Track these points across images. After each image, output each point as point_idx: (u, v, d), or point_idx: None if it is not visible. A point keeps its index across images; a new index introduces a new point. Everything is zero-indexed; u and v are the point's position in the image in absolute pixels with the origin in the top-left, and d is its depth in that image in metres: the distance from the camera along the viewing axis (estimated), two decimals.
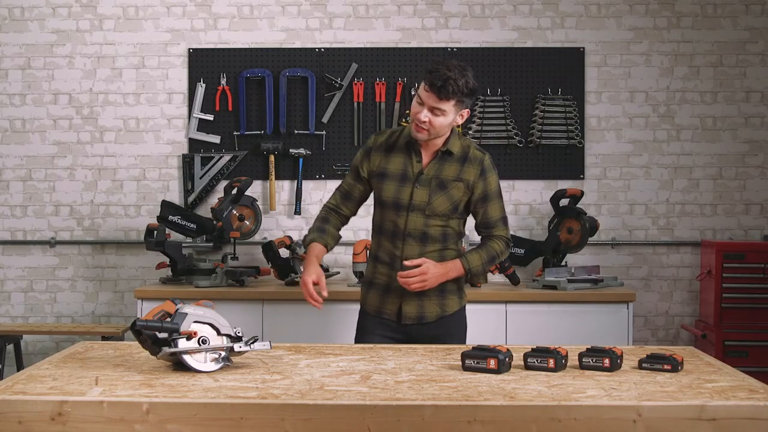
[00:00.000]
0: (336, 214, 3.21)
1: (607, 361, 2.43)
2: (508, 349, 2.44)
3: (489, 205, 3.10)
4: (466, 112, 3.02)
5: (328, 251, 3.18)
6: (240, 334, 2.49)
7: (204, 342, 2.42)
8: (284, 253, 4.73)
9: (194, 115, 5.05)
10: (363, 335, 3.15)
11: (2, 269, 5.14)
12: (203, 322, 2.46)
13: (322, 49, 5.04)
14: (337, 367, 2.46)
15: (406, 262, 2.98)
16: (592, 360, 2.45)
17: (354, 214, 3.25)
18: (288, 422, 2.02)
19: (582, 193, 4.80)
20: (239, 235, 4.80)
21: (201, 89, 5.05)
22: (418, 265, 2.96)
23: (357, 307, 3.28)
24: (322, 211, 3.24)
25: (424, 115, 2.92)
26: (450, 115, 2.95)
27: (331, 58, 5.04)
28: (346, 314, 3.31)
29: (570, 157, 5.03)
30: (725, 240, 5.00)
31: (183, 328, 2.41)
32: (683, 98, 5.04)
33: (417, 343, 3.03)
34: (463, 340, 3.17)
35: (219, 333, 2.46)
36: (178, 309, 2.48)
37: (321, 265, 3.11)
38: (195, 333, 2.42)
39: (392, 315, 3.09)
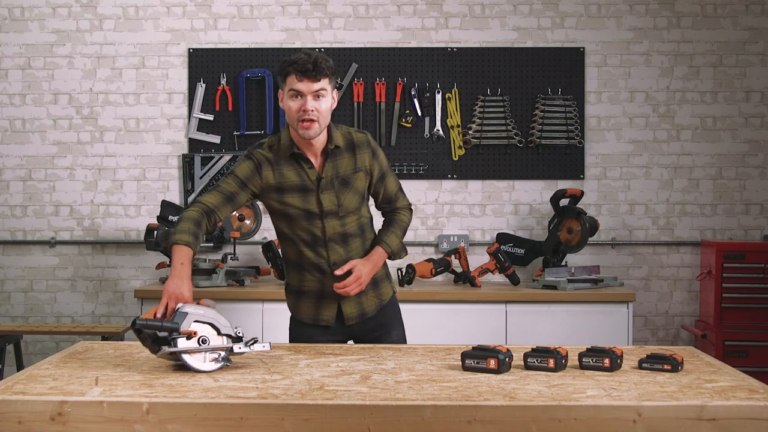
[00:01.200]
0: (208, 219, 2.84)
1: (607, 361, 2.42)
2: (508, 349, 2.44)
3: (387, 181, 3.06)
4: (336, 93, 2.93)
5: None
6: (240, 335, 2.49)
7: (204, 342, 2.42)
8: None
9: (194, 115, 5.05)
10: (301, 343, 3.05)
11: (2, 269, 5.14)
12: (204, 322, 2.46)
13: (322, 49, 5.04)
14: (337, 367, 2.46)
15: (336, 272, 2.91)
16: (592, 360, 2.44)
17: (221, 221, 3.00)
18: (288, 422, 2.02)
19: (582, 193, 4.80)
20: (239, 235, 4.80)
21: (201, 89, 5.05)
22: (349, 270, 2.92)
23: None
24: (195, 210, 2.82)
25: (311, 104, 2.79)
26: (329, 95, 2.85)
27: (331, 58, 5.02)
28: None
29: (570, 157, 5.02)
30: (725, 240, 5.00)
31: (183, 327, 2.41)
32: (683, 98, 5.04)
33: (358, 339, 3.01)
34: (401, 325, 3.15)
35: (219, 333, 2.46)
36: (178, 308, 2.48)
37: None
38: (195, 333, 2.42)
39: (330, 319, 3.02)
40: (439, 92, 5.01)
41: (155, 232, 4.60)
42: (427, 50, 5.03)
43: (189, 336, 2.41)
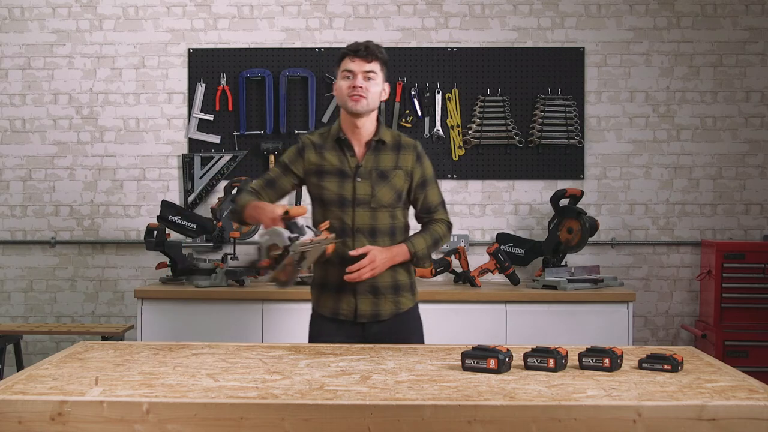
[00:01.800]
0: (257, 198, 3.06)
1: (607, 361, 2.42)
2: (508, 349, 2.44)
3: (428, 190, 3.11)
4: (387, 86, 3.08)
5: None
6: (294, 237, 2.72)
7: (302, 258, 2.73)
8: None
9: (194, 115, 5.05)
10: (317, 341, 3.07)
11: (2, 269, 5.14)
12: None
13: (322, 49, 5.04)
14: (337, 367, 2.46)
15: (351, 252, 2.94)
16: (592, 360, 2.44)
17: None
18: (288, 422, 2.02)
19: (582, 193, 4.80)
20: (239, 235, 4.80)
21: (201, 89, 5.05)
22: (365, 254, 2.94)
23: None
24: (244, 190, 3.11)
25: (360, 82, 2.97)
26: (379, 80, 3.01)
27: (331, 58, 5.03)
28: None
29: (570, 157, 5.02)
30: (725, 240, 5.00)
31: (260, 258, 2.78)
32: (683, 98, 5.04)
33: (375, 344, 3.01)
34: (420, 338, 3.15)
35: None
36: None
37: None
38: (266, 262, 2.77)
39: (349, 314, 3.04)
40: (439, 92, 5.01)
41: (155, 231, 4.60)
42: (427, 50, 5.03)
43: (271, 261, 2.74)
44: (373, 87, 2.99)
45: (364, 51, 2.97)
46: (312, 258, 2.84)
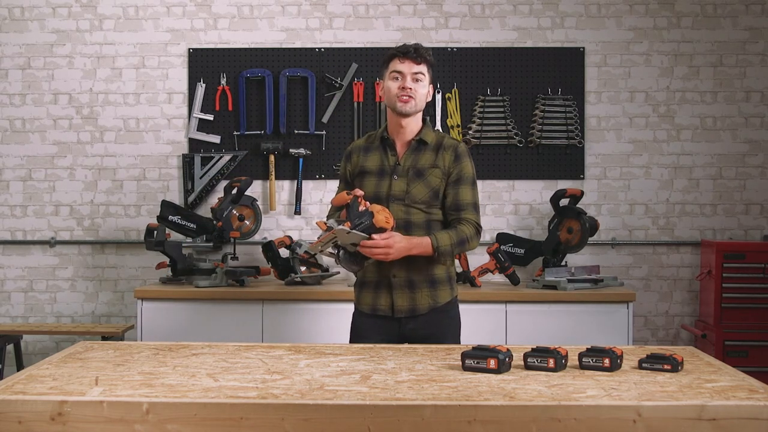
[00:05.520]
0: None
1: (607, 361, 2.42)
2: (508, 349, 2.44)
3: (461, 188, 3.09)
4: (431, 88, 3.16)
5: None
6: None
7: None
8: (284, 253, 4.73)
9: (194, 115, 5.05)
10: (357, 338, 3.15)
11: (2, 269, 5.14)
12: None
13: (322, 49, 5.04)
14: (337, 367, 2.46)
15: (374, 235, 2.91)
16: (592, 360, 2.44)
17: None
18: (288, 422, 2.02)
19: (582, 193, 4.80)
20: (239, 235, 4.80)
21: (201, 89, 5.05)
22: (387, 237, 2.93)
23: None
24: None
25: (409, 83, 3.05)
26: (426, 82, 3.10)
27: (331, 58, 5.04)
28: (346, 314, 3.31)
29: (570, 157, 5.02)
30: (725, 240, 5.00)
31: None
32: (683, 98, 5.04)
33: (413, 342, 3.04)
34: (457, 339, 3.17)
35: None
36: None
37: (321, 265, 3.14)
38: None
39: (387, 309, 3.10)
40: (439, 92, 5.01)
41: (155, 231, 4.60)
42: None
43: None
44: (420, 89, 3.07)
45: (414, 53, 3.05)
46: (344, 241, 2.92)
